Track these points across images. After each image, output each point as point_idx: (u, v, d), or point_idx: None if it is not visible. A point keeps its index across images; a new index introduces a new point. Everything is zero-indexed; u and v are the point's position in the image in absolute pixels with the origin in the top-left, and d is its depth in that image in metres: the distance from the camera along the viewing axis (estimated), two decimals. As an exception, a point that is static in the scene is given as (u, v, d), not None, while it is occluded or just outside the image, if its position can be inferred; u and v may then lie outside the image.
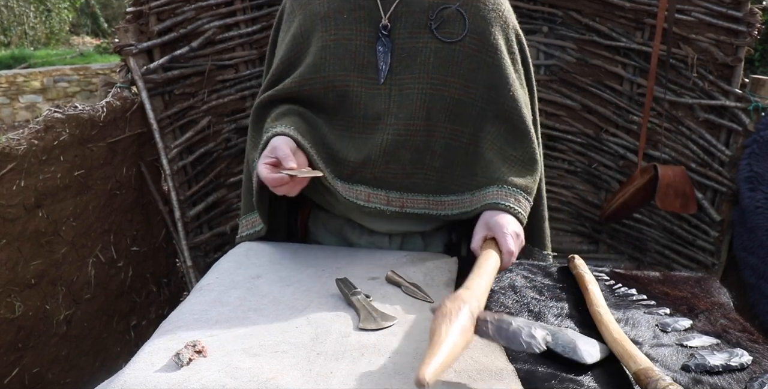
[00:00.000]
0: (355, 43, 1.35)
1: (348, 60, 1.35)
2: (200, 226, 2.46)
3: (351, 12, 1.36)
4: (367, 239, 1.50)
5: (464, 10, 1.34)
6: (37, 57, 10.42)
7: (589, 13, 2.43)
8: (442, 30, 1.34)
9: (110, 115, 2.06)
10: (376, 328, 1.05)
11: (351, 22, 1.35)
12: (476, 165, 1.38)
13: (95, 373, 2.09)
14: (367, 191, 1.37)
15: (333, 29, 1.35)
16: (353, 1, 1.37)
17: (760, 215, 2.16)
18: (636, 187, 2.30)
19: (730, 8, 2.22)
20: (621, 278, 1.32)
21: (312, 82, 1.36)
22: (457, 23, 1.34)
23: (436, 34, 1.33)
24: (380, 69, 1.35)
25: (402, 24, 1.35)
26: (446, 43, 1.33)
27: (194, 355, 0.94)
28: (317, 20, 1.37)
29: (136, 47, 2.17)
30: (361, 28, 1.35)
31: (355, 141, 1.36)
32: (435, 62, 1.34)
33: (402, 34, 1.35)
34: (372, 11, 1.35)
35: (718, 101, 2.30)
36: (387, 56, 1.34)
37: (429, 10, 1.34)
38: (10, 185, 1.75)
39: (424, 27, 1.34)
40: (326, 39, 1.35)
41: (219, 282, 1.24)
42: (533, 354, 0.99)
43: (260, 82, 2.47)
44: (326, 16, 1.36)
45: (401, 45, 1.35)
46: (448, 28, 1.34)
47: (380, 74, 1.35)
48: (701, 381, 0.92)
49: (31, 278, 1.84)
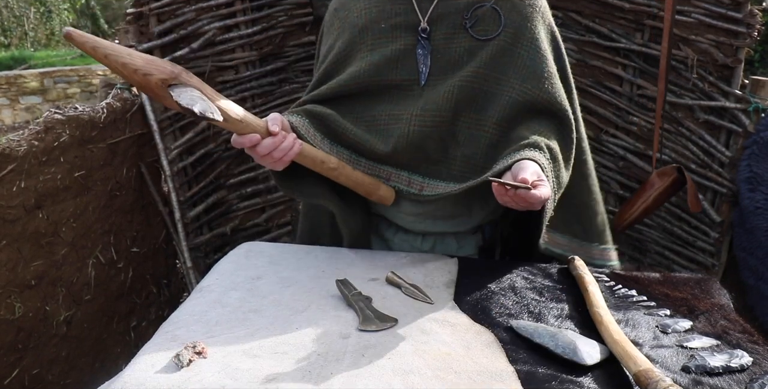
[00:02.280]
0: (392, 48, 1.37)
1: (384, 65, 1.36)
2: (200, 227, 2.46)
3: (388, 20, 1.38)
4: (401, 237, 1.51)
5: (499, 6, 1.36)
6: (38, 58, 10.43)
7: (588, 14, 2.43)
8: (477, 28, 1.36)
9: (110, 116, 2.06)
10: (376, 329, 1.05)
11: (388, 30, 1.38)
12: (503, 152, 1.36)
13: (95, 374, 2.09)
14: (390, 170, 1.38)
15: (370, 40, 1.38)
16: (390, 10, 1.39)
17: (759, 216, 2.16)
18: (658, 191, 2.25)
19: (729, 9, 2.22)
20: (621, 279, 1.32)
21: (345, 89, 1.38)
22: (492, 20, 1.36)
23: (471, 32, 1.35)
24: (421, 71, 1.37)
25: (440, 26, 1.37)
26: (480, 41, 1.35)
27: (194, 356, 0.94)
28: (356, 32, 1.39)
29: (137, 48, 2.17)
30: (398, 34, 1.38)
31: (380, 133, 1.37)
32: (467, 59, 1.36)
33: (439, 35, 1.37)
34: (410, 16, 1.38)
35: (718, 102, 2.30)
36: (427, 59, 1.37)
37: (464, 10, 1.36)
38: (10, 186, 1.75)
39: (460, 27, 1.36)
40: (364, 49, 1.38)
41: (219, 283, 1.24)
42: (533, 355, 0.99)
43: (260, 84, 2.48)
44: (364, 27, 1.39)
45: (438, 46, 1.37)
46: (483, 25, 1.36)
47: (421, 76, 1.37)
48: (701, 383, 0.92)
49: (31, 279, 1.84)
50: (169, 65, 1.00)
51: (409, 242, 1.51)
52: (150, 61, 0.98)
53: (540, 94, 1.36)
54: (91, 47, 0.93)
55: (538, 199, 1.10)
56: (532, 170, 1.15)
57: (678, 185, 2.24)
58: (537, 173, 1.16)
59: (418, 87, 1.37)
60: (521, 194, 1.10)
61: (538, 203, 1.12)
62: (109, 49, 0.94)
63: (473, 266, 1.35)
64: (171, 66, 1.00)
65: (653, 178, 2.29)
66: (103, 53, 0.94)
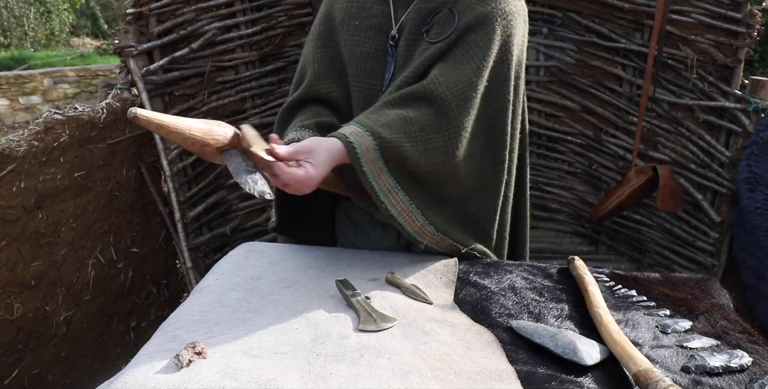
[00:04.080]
0: (362, 49, 1.37)
1: (352, 66, 1.38)
2: (200, 227, 2.46)
3: (363, 19, 1.38)
4: (379, 232, 1.50)
5: (457, 9, 1.33)
6: (37, 58, 10.44)
7: (588, 15, 2.43)
8: (432, 32, 1.34)
9: (110, 116, 2.06)
10: (376, 329, 1.05)
11: (362, 30, 1.38)
12: None
13: (95, 374, 2.09)
14: None
15: (344, 34, 1.39)
16: (367, 9, 1.39)
17: (759, 216, 2.16)
18: (633, 188, 2.32)
19: (729, 9, 2.22)
20: (621, 279, 1.32)
21: (320, 87, 1.40)
22: (447, 24, 1.34)
23: (426, 37, 1.35)
24: (385, 79, 1.37)
25: (405, 34, 1.37)
26: (431, 44, 1.33)
27: (194, 356, 0.94)
28: (335, 24, 1.41)
29: (136, 49, 2.17)
30: (370, 36, 1.38)
31: None
32: (419, 64, 1.32)
33: (403, 43, 1.37)
34: (384, 20, 1.38)
35: (718, 102, 2.30)
36: (391, 66, 1.37)
37: (426, 16, 1.35)
38: (10, 187, 1.75)
39: (420, 33, 1.36)
40: (339, 45, 1.39)
41: (219, 284, 1.24)
42: (533, 355, 0.99)
43: (260, 84, 2.48)
44: (342, 21, 1.40)
45: (401, 53, 1.37)
46: (438, 29, 1.34)
47: (384, 83, 1.37)
48: (701, 383, 0.92)
49: (31, 280, 1.84)
50: (222, 132, 1.02)
51: (384, 237, 1.49)
52: (207, 131, 1.00)
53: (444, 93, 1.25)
54: (156, 126, 0.96)
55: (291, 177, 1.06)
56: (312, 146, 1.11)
57: (654, 183, 2.28)
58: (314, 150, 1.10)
59: (378, 92, 1.37)
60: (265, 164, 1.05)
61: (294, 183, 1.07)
62: (171, 127, 0.97)
63: (473, 266, 1.35)
64: (224, 133, 1.02)
65: (631, 175, 2.34)
66: (166, 131, 0.97)
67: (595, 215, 2.46)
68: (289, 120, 1.41)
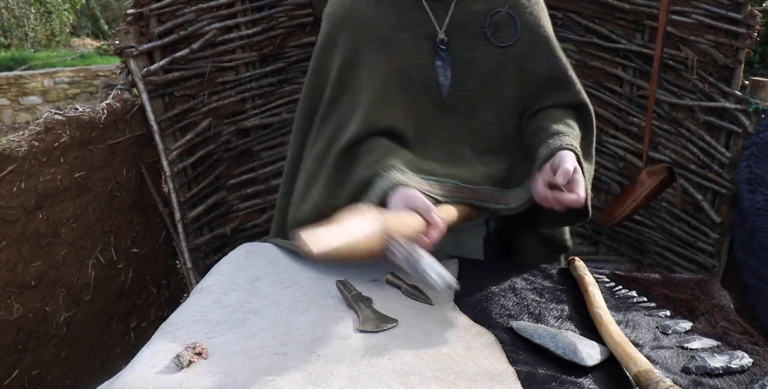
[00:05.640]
0: (415, 62, 1.34)
1: (408, 83, 1.33)
2: (200, 228, 2.46)
3: (409, 30, 1.33)
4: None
5: (513, 10, 1.37)
6: (38, 59, 10.44)
7: (588, 15, 2.43)
8: (498, 35, 1.36)
9: (110, 117, 2.06)
10: (376, 330, 1.05)
11: (411, 41, 1.33)
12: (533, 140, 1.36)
13: (95, 375, 2.09)
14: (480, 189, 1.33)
15: (395, 51, 1.33)
16: (408, 19, 1.34)
17: (759, 217, 2.16)
18: (648, 190, 2.27)
19: (729, 10, 2.22)
20: (621, 280, 1.32)
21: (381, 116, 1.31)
22: (509, 26, 1.37)
23: (493, 40, 1.35)
24: (441, 84, 1.35)
25: (458, 36, 1.35)
26: (503, 48, 1.36)
27: (194, 357, 0.94)
28: (378, 43, 1.32)
29: (137, 49, 2.17)
30: (421, 45, 1.34)
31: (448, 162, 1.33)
32: (495, 68, 1.36)
33: (459, 45, 1.35)
34: (426, 27, 1.35)
35: (718, 103, 2.30)
36: (447, 71, 1.34)
37: (482, 18, 1.36)
38: (10, 187, 1.75)
39: (481, 36, 1.36)
40: (389, 63, 1.32)
41: (219, 284, 1.24)
42: (533, 356, 0.99)
43: (260, 84, 2.48)
44: (387, 38, 1.32)
45: (460, 56, 1.35)
46: (502, 32, 1.36)
47: (442, 89, 1.35)
48: (701, 383, 0.92)
49: (31, 280, 1.84)
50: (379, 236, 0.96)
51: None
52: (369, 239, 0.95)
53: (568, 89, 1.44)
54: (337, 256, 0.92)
55: (577, 202, 1.17)
56: (571, 161, 1.20)
57: (667, 183, 2.26)
58: (575, 165, 1.20)
59: (439, 99, 1.35)
60: (562, 198, 1.17)
61: (577, 205, 1.19)
62: (348, 252, 0.93)
63: (473, 266, 1.35)
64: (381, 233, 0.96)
65: (643, 176, 2.31)
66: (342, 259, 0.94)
67: (610, 220, 2.36)
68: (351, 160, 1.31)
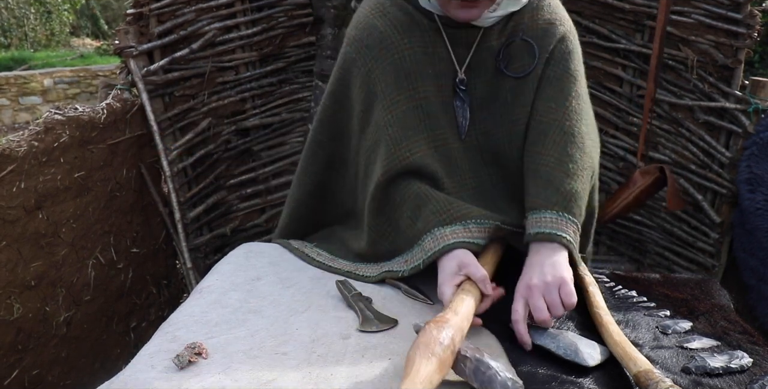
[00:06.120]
0: (435, 100, 1.29)
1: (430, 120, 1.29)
2: (200, 228, 2.46)
3: (433, 66, 1.28)
4: None
5: (529, 36, 1.29)
6: (38, 59, 10.43)
7: (588, 15, 2.43)
8: (513, 66, 1.30)
9: (110, 116, 2.06)
10: (376, 330, 1.05)
11: (433, 78, 1.29)
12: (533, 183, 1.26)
13: (95, 375, 2.09)
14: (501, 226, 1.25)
15: (420, 86, 1.28)
16: (432, 54, 1.28)
17: (759, 217, 2.16)
18: (640, 189, 2.29)
19: (729, 10, 2.22)
20: (621, 280, 1.32)
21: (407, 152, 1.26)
22: (526, 53, 1.29)
23: (508, 73, 1.29)
24: (460, 124, 1.30)
25: (478, 75, 1.30)
26: (520, 78, 1.29)
27: (194, 357, 0.94)
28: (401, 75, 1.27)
29: (137, 49, 2.17)
30: (441, 83, 1.29)
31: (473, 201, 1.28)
32: (513, 99, 1.30)
33: (479, 85, 1.30)
34: (448, 64, 1.29)
35: (718, 103, 2.30)
36: (465, 111, 1.30)
37: (497, 53, 1.29)
38: (10, 187, 1.75)
39: (497, 71, 1.30)
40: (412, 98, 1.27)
41: (219, 284, 1.24)
42: (534, 356, 0.99)
43: (260, 84, 2.48)
44: (411, 71, 1.27)
45: (479, 95, 1.31)
46: (518, 62, 1.30)
47: (461, 130, 1.30)
48: (701, 383, 0.92)
49: (31, 280, 1.84)
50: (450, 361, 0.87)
51: None
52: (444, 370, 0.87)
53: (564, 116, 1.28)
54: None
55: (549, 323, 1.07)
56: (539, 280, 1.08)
57: (660, 184, 2.26)
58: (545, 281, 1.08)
59: (458, 141, 1.30)
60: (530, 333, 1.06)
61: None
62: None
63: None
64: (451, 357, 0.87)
65: (636, 176, 2.31)
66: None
67: (601, 218, 2.39)
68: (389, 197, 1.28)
